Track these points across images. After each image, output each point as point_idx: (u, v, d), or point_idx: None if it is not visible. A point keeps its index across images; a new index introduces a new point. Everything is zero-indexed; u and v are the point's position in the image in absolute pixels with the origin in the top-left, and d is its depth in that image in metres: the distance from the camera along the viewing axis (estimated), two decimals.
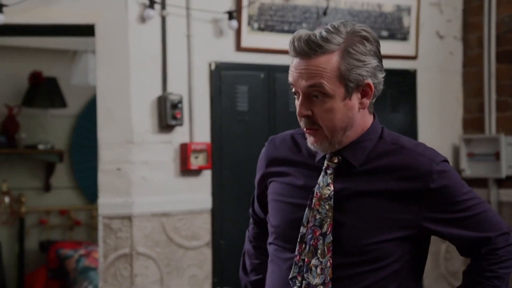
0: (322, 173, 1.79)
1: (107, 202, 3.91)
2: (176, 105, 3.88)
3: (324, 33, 1.70)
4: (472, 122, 4.79)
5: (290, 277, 1.79)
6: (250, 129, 4.09)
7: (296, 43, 1.71)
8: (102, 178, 3.90)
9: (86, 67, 5.63)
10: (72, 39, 4.86)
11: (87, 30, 3.87)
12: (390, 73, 4.45)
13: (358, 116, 1.76)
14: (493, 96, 4.69)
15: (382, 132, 1.82)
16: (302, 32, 1.72)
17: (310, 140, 1.79)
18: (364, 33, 1.73)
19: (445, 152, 4.73)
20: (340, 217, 1.75)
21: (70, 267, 5.97)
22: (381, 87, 1.78)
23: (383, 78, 1.78)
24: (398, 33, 4.51)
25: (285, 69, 4.38)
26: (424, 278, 4.63)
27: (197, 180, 4.04)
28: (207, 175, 4.06)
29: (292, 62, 1.77)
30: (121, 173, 3.88)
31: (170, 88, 3.95)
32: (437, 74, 4.72)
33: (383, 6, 4.46)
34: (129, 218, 3.88)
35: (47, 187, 6.35)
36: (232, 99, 4.10)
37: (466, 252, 1.84)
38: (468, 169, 4.70)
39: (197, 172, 4.02)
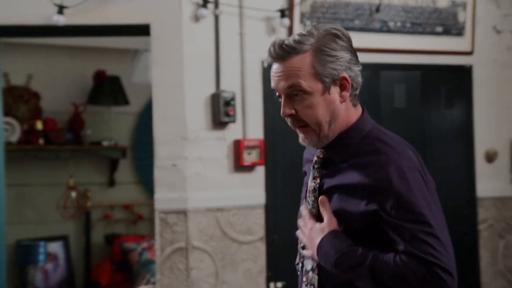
0: (311, 167, 1.91)
1: (163, 197, 4.02)
2: (229, 102, 3.96)
3: (297, 37, 1.82)
4: None
5: (296, 263, 1.95)
6: None
7: (272, 49, 1.83)
8: (158, 174, 4.02)
9: (146, 65, 5.77)
10: (133, 39, 4.99)
11: (143, 30, 3.98)
12: (444, 69, 4.51)
13: (341, 109, 1.84)
14: None
15: (370, 131, 1.86)
16: (278, 39, 1.83)
17: (300, 137, 1.90)
18: (334, 31, 1.83)
19: (502, 148, 4.65)
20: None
21: (133, 260, 6.11)
22: (359, 79, 1.85)
23: (359, 70, 1.86)
24: (453, 28, 4.47)
25: None
26: (481, 275, 4.59)
27: (250, 175, 4.10)
28: (260, 171, 4.12)
29: (272, 68, 1.87)
30: (176, 169, 3.98)
31: (223, 86, 4.02)
32: (494, 69, 4.65)
33: (437, 1, 4.42)
34: (184, 212, 3.98)
35: (111, 183, 6.50)
36: None
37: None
38: None
39: (250, 168, 4.09)
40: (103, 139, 6.27)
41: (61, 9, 3.81)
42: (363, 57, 4.29)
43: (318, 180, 1.88)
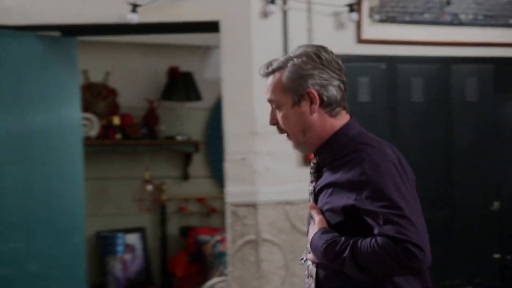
0: (309, 172, 2.10)
1: (234, 190, 4.10)
2: None
3: (282, 58, 2.04)
4: None
5: (301, 258, 2.12)
6: (371, 120, 4.12)
7: (261, 68, 2.09)
8: (229, 168, 4.10)
9: (217, 61, 5.84)
10: (204, 35, 5.07)
11: (213, 27, 4.06)
12: None
13: (315, 120, 2.00)
14: None
15: (354, 135, 2.00)
16: (269, 60, 2.08)
17: (291, 144, 2.09)
18: (309, 53, 2.00)
19: None
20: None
21: (207, 252, 6.21)
22: (333, 93, 1.99)
23: (334, 85, 1.98)
24: None
25: (406, 60, 4.38)
26: None
27: None
28: None
29: None
30: (246, 163, 4.04)
31: None
32: None
33: None
34: (254, 206, 4.04)
35: (185, 176, 6.60)
36: (353, 91, 4.13)
37: None
38: None
39: None
40: (176, 134, 6.38)
41: (134, 8, 3.94)
42: (433, 51, 4.32)
43: (314, 184, 2.05)
